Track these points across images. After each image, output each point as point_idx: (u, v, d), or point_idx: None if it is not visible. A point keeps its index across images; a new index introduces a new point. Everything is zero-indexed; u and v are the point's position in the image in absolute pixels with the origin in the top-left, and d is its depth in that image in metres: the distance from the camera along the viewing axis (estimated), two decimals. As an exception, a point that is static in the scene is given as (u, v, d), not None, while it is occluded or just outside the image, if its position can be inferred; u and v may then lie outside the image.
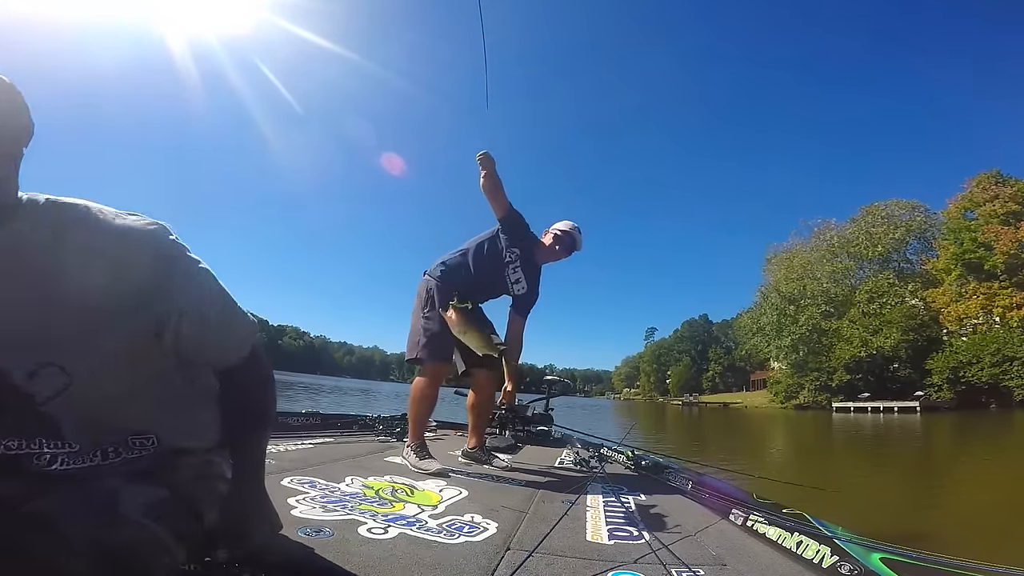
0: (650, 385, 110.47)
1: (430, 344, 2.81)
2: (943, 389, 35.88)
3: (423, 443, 2.73)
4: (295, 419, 3.84)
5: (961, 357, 34.98)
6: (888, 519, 4.48)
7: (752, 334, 53.42)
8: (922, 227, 46.29)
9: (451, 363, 2.96)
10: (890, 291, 42.92)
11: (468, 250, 3.00)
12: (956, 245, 39.59)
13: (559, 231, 3.09)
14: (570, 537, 1.67)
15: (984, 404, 32.79)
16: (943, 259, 41.19)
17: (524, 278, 3.06)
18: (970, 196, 40.44)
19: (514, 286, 3.06)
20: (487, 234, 3.04)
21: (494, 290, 3.09)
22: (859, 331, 41.64)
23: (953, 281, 39.80)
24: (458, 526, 1.65)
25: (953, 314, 38.72)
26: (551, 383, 4.93)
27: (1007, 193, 37.70)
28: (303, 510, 1.59)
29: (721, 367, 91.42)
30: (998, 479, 7.69)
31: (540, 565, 1.37)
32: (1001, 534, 4.10)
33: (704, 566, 1.46)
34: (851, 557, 1.37)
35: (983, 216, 38.37)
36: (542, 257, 3.13)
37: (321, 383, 43.71)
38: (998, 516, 4.96)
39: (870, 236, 46.90)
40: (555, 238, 3.08)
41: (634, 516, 1.97)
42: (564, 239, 3.09)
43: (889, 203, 48.69)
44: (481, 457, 2.93)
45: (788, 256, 51.57)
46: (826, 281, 47.79)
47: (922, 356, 38.20)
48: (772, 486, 3.26)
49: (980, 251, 37.68)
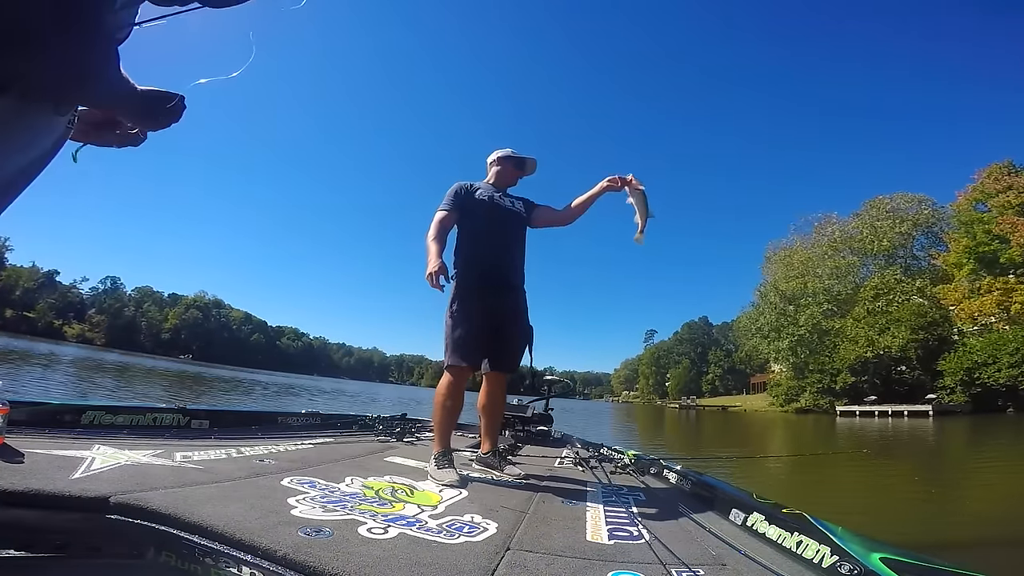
0: (649, 388, 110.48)
1: (450, 346, 2.72)
2: (956, 392, 33.75)
3: (445, 451, 2.60)
4: (295, 419, 3.84)
5: (976, 358, 32.70)
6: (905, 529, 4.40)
7: (750, 335, 52.41)
8: (929, 221, 44.81)
9: (475, 366, 2.78)
10: (897, 287, 41.26)
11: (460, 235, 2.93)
12: (968, 238, 37.69)
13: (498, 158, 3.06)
14: (570, 537, 1.67)
15: (1001, 408, 30.99)
16: (954, 253, 39.23)
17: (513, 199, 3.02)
18: (981, 187, 38.55)
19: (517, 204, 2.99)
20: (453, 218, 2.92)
21: (507, 242, 2.94)
22: (864, 330, 40.00)
23: (965, 276, 37.86)
24: (458, 526, 1.64)
25: (966, 311, 36.67)
26: (551, 383, 4.94)
27: (1021, 184, 35.95)
28: (303, 510, 1.59)
29: (721, 370, 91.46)
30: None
31: (540, 565, 1.37)
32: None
33: (704, 566, 1.45)
34: (851, 557, 1.37)
35: (997, 207, 36.61)
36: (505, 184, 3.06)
37: (320, 385, 43.64)
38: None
39: (874, 230, 45.50)
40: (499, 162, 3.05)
41: (634, 516, 1.96)
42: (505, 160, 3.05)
43: (894, 196, 47.51)
44: (496, 463, 2.79)
45: (787, 253, 50.25)
46: (828, 278, 46.28)
47: (932, 357, 36.30)
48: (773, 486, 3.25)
49: (995, 244, 35.91)
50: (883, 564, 1.29)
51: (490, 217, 2.88)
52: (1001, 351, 31.53)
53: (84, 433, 2.42)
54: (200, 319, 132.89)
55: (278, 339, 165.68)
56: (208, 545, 1.30)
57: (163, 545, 1.37)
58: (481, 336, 2.72)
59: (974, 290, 37.07)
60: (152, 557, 1.38)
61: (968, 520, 5.13)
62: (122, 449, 2.15)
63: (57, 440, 2.17)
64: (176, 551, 1.34)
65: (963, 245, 38.15)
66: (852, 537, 1.45)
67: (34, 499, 1.42)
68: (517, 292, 2.93)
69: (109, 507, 1.44)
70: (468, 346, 2.70)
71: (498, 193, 2.97)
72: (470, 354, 2.70)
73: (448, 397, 2.70)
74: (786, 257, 50.03)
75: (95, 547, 1.43)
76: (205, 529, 1.34)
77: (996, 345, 32.33)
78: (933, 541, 3.96)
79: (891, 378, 39.18)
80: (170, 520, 1.38)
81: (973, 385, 32.82)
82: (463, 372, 2.72)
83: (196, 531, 1.34)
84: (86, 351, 53.87)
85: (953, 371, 34.13)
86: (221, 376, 33.47)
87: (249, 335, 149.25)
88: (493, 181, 3.04)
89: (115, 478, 1.69)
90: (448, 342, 2.72)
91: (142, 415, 2.88)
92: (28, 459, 1.74)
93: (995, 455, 12.59)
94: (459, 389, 2.74)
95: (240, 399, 16.90)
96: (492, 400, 2.89)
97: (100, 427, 2.62)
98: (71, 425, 2.53)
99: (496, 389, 2.88)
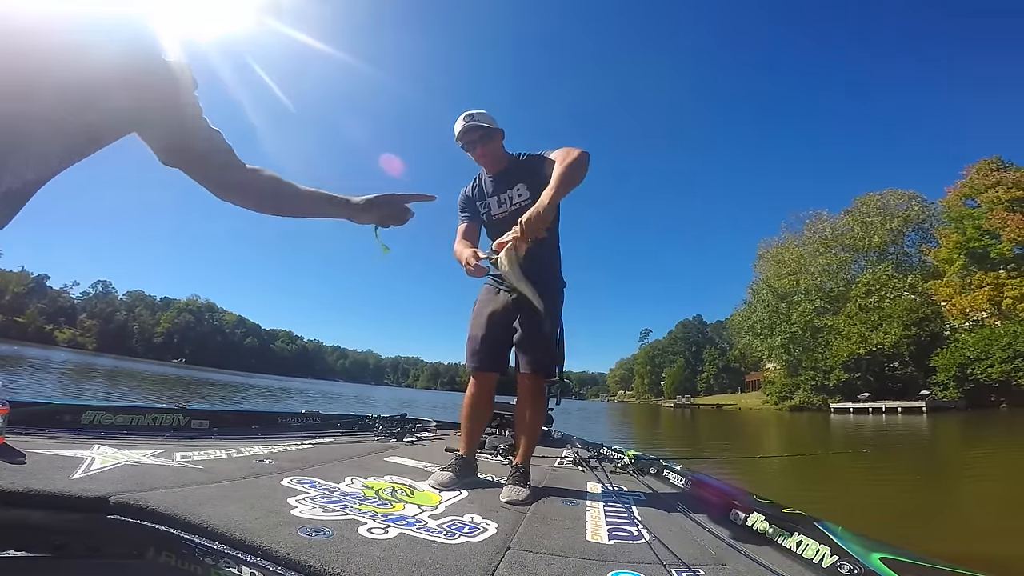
0: (644, 387, 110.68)
1: (470, 349, 2.57)
2: (949, 388, 33.90)
3: (459, 456, 2.48)
4: (295, 419, 3.84)
5: (969, 353, 32.86)
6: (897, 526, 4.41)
7: (744, 333, 52.43)
8: (919, 217, 45.16)
9: (482, 367, 2.56)
10: (889, 284, 41.39)
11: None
12: (959, 233, 37.91)
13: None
14: (570, 537, 1.67)
15: (994, 403, 31.19)
16: (945, 248, 39.47)
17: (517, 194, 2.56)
18: (971, 183, 38.96)
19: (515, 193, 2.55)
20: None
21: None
22: (857, 327, 40.04)
23: (956, 272, 38.08)
24: (458, 526, 1.65)
25: (957, 307, 36.98)
26: (550, 384, 4.92)
27: (1010, 179, 36.37)
28: (303, 510, 1.58)
29: (716, 368, 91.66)
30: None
31: (540, 565, 1.37)
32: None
33: (704, 566, 1.46)
34: (851, 557, 1.38)
35: (986, 203, 36.95)
36: (490, 170, 2.61)
37: (315, 388, 43.41)
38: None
39: (865, 227, 45.78)
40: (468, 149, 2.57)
41: (634, 516, 1.97)
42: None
43: (884, 193, 47.86)
44: (517, 481, 2.29)
45: (780, 250, 50.41)
46: (820, 275, 46.54)
47: (925, 353, 36.39)
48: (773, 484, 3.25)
49: (985, 239, 36.22)
50: (883, 564, 1.29)
51: (494, 228, 2.59)
52: (993, 346, 31.69)
53: (84, 433, 2.42)
54: (193, 323, 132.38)
55: (272, 342, 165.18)
56: (208, 545, 1.30)
57: (163, 545, 1.36)
58: (490, 336, 2.53)
59: (965, 285, 37.29)
60: (152, 557, 1.37)
61: (968, 520, 5.16)
62: (122, 449, 2.14)
63: (57, 440, 2.17)
64: (176, 551, 1.34)
65: (954, 241, 38.36)
66: (852, 537, 1.45)
67: (34, 499, 1.41)
68: (543, 286, 2.47)
69: (109, 507, 1.44)
70: (474, 348, 2.56)
71: (494, 195, 2.59)
72: (473, 356, 2.56)
73: (466, 404, 2.59)
74: (778, 254, 50.25)
75: (95, 547, 1.42)
76: (205, 529, 1.33)
77: (988, 340, 32.51)
78: (933, 541, 3.98)
79: (884, 375, 39.29)
80: (170, 520, 1.38)
81: (966, 381, 32.97)
82: (476, 376, 2.57)
83: (196, 531, 1.34)
84: (77, 356, 53.45)
85: (946, 367, 34.24)
86: (209, 379, 33.19)
87: (243, 339, 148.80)
88: (483, 170, 2.65)
89: (115, 478, 1.68)
90: (468, 345, 2.60)
91: (142, 415, 2.88)
92: (28, 459, 1.74)
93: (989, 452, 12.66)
94: (477, 395, 2.57)
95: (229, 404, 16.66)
96: (518, 407, 2.59)
97: (100, 427, 2.62)
98: (71, 425, 2.53)
99: (522, 394, 2.55)
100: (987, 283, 35.77)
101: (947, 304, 38.11)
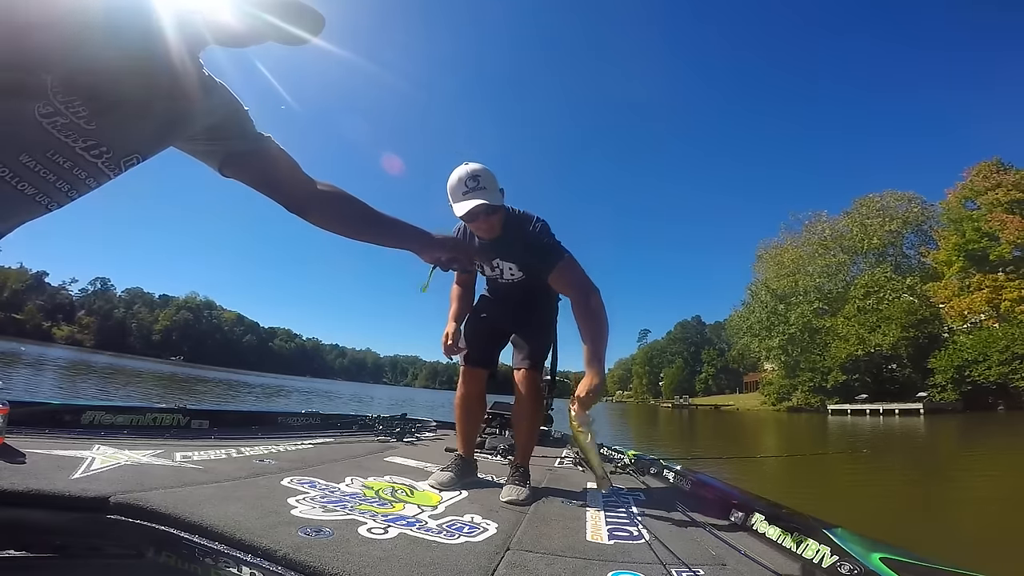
0: (643, 387, 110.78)
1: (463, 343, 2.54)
2: (947, 390, 33.90)
3: (458, 456, 2.48)
4: (295, 419, 3.83)
5: (967, 355, 32.86)
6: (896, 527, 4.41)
7: (742, 334, 52.49)
8: (919, 219, 45.21)
9: (469, 362, 2.53)
10: (887, 285, 41.32)
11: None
12: (958, 235, 37.87)
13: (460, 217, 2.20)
14: (570, 537, 1.67)
15: (992, 405, 31.15)
16: (944, 250, 39.43)
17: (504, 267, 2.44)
18: (970, 185, 38.97)
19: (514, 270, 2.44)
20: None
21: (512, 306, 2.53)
22: (855, 328, 40.03)
23: (955, 273, 38.00)
24: (458, 526, 1.65)
25: (956, 309, 36.86)
26: (550, 384, 4.92)
27: (1009, 181, 36.41)
28: (303, 510, 1.58)
29: (714, 369, 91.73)
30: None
31: (540, 565, 1.37)
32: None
33: (704, 566, 1.46)
34: (851, 557, 1.37)
35: (986, 205, 36.92)
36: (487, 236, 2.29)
37: (313, 386, 43.32)
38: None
39: (864, 228, 45.84)
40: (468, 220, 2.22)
41: (634, 516, 1.97)
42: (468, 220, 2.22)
43: (884, 194, 47.97)
44: (516, 480, 2.27)
45: (778, 252, 50.42)
46: (818, 276, 46.54)
47: (923, 355, 36.39)
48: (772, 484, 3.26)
49: (984, 241, 36.13)
50: (883, 564, 1.29)
51: (487, 281, 2.61)
52: (991, 348, 31.67)
53: (84, 433, 2.41)
54: (191, 320, 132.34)
55: (271, 340, 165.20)
56: (208, 545, 1.30)
57: (163, 545, 1.36)
58: (483, 333, 2.55)
59: (964, 287, 37.22)
60: (152, 557, 1.37)
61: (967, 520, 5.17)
62: (122, 449, 2.14)
63: (57, 440, 2.16)
64: (176, 551, 1.34)
65: (953, 242, 38.32)
66: (852, 537, 1.45)
67: (34, 499, 1.41)
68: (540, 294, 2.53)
69: (109, 507, 1.43)
70: (466, 343, 2.53)
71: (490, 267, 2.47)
72: (474, 352, 2.54)
73: (458, 405, 2.57)
74: (777, 256, 50.28)
75: (95, 547, 1.42)
76: (205, 529, 1.33)
77: (986, 342, 32.49)
78: (932, 541, 3.99)
79: (882, 376, 39.37)
80: (170, 520, 1.37)
81: (964, 383, 32.95)
82: (465, 371, 2.54)
83: (196, 531, 1.33)
84: (75, 353, 53.33)
85: (944, 369, 34.22)
86: (207, 377, 33.12)
87: (241, 336, 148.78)
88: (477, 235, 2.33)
89: (115, 478, 1.68)
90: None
91: (142, 415, 2.87)
92: (28, 459, 1.73)
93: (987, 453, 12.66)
94: (467, 394, 2.54)
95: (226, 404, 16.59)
96: (516, 405, 2.53)
97: (100, 427, 2.61)
98: (71, 425, 2.52)
99: (518, 390, 2.47)
100: (986, 285, 35.70)
101: (945, 306, 38.09)
